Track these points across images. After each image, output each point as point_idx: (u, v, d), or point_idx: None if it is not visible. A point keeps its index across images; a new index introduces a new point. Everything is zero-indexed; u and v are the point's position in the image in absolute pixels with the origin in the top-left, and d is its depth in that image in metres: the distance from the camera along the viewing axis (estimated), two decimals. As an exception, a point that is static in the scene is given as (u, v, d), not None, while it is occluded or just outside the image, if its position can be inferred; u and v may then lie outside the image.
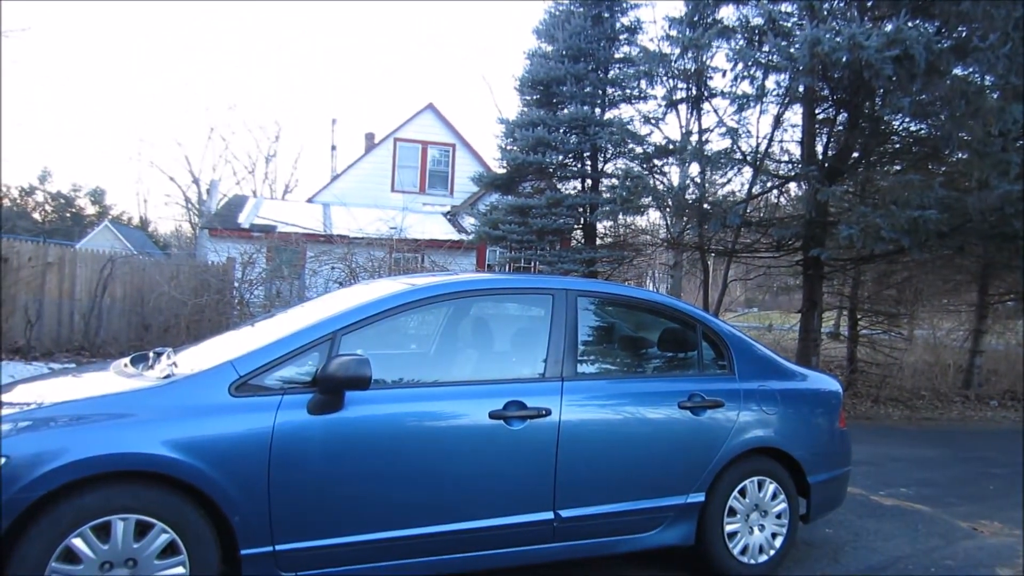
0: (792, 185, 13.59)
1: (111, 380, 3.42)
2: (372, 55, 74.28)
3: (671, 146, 12.91)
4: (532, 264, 15.90)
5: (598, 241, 16.15)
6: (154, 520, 2.95)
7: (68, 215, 47.64)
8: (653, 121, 13.75)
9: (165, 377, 3.25)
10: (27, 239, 16.26)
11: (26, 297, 11.67)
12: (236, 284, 12.39)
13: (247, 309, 11.85)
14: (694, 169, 13.01)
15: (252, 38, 71.38)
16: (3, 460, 2.75)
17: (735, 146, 12.12)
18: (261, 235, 15.05)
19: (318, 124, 76.25)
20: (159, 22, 68.73)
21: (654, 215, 18.41)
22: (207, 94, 64.64)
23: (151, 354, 3.79)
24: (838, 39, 8.76)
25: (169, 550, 2.99)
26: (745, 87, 11.42)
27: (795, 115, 12.61)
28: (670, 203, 12.28)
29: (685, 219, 13.61)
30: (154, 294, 12.05)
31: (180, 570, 3.01)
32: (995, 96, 9.29)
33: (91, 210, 48.88)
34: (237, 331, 4.27)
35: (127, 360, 3.84)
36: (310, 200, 23.10)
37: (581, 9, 14.77)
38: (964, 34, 9.38)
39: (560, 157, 14.85)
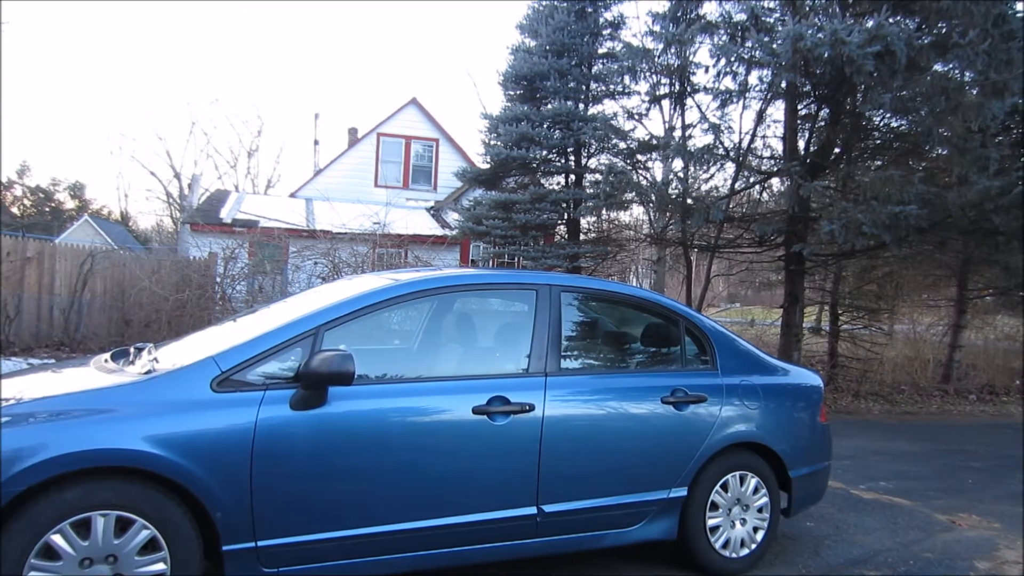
0: (774, 181, 13.65)
1: (91, 376, 3.39)
2: (355, 50, 74.06)
3: (654, 142, 12.96)
4: (516, 259, 15.91)
5: (582, 236, 16.18)
6: (135, 516, 2.93)
7: (47, 209, 47.22)
8: (636, 117, 13.79)
9: (146, 373, 3.22)
10: (6, 233, 16.09)
11: (5, 292, 11.55)
12: (218, 279, 12.31)
13: (229, 304, 11.78)
14: (677, 165, 13.05)
15: (235, 32, 70.97)
16: (-18, 456, 2.73)
17: (718, 142, 12.15)
18: (243, 230, 14.98)
19: (301, 119, 76.03)
20: (141, 15, 68.22)
21: (637, 210, 18.50)
22: (189, 88, 64.27)
23: (132, 349, 3.76)
24: (820, 35, 8.81)
25: (150, 546, 2.97)
26: (728, 83, 11.46)
27: (777, 111, 12.66)
28: (653, 198, 12.32)
29: (668, 214, 13.66)
30: (135, 289, 11.96)
31: (161, 566, 2.99)
32: (975, 92, 9.37)
33: (71, 204, 48.49)
34: (219, 327, 4.25)
35: (107, 355, 3.81)
36: (293, 195, 23.00)
37: (564, 4, 14.77)
38: (944, 30, 9.46)
39: (544, 152, 14.86)
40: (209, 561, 3.14)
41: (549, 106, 14.69)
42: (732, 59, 10.74)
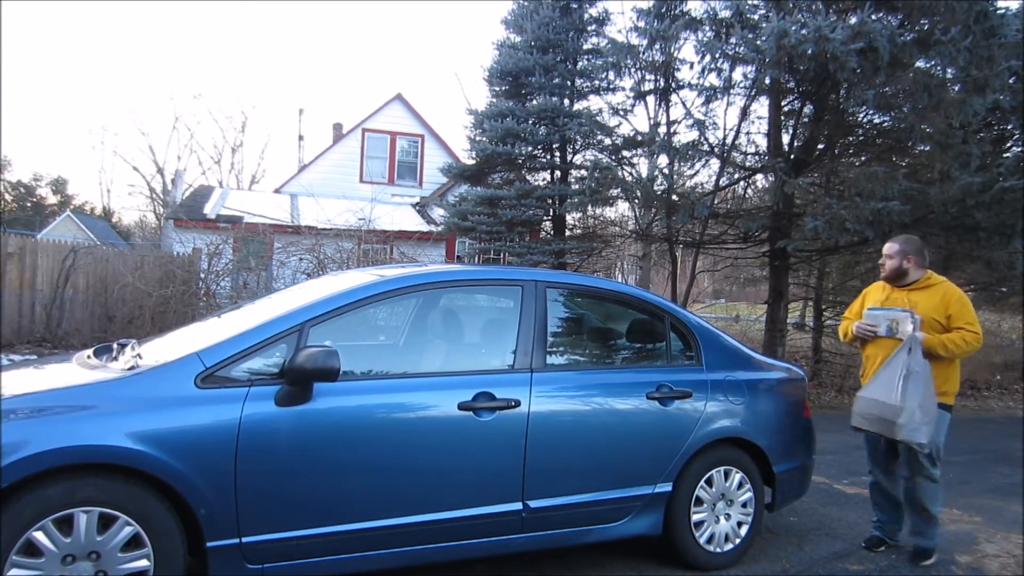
0: (759, 177, 13.70)
1: (74, 372, 3.37)
2: (340, 44, 73.77)
3: (639, 137, 12.96)
4: (502, 255, 15.90)
5: (567, 232, 16.18)
6: (118, 513, 2.92)
7: (29, 204, 46.80)
8: (621, 112, 13.79)
9: (129, 368, 3.20)
10: (-14, 229, 15.94)
11: (-14, 288, 11.47)
12: (202, 275, 12.26)
13: (213, 300, 11.74)
14: (662, 160, 13.10)
15: (218, 26, 70.53)
16: (-37, 454, 2.70)
17: (703, 138, 12.19)
18: (228, 226, 14.91)
19: (285, 114, 75.70)
20: (124, 9, 67.69)
21: (623, 206, 18.51)
22: (172, 83, 63.83)
23: (115, 345, 3.74)
24: (804, 31, 8.84)
25: (133, 543, 2.96)
26: (712, 79, 11.49)
27: (762, 107, 12.69)
28: (638, 194, 12.33)
29: (653, 211, 13.67)
30: (118, 285, 11.90)
31: (144, 563, 2.98)
32: (957, 89, 9.43)
33: (53, 199, 48.09)
34: (203, 322, 4.24)
35: (90, 351, 3.79)
36: (278, 191, 22.91)
37: (550, 0, 14.76)
38: (927, 27, 9.50)
39: (529, 148, 14.85)
40: (193, 557, 3.13)
41: (534, 102, 14.68)
42: (717, 55, 10.77)
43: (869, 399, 4.59)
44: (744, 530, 4.51)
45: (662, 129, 13.41)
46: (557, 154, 15.38)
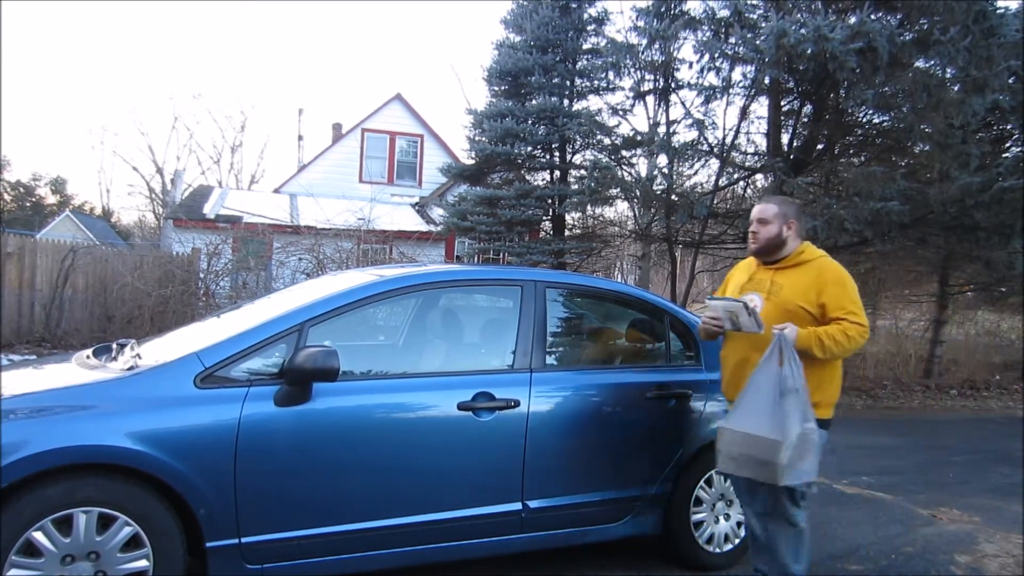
0: (758, 177, 13.70)
1: (73, 372, 3.36)
2: (340, 44, 73.74)
3: (639, 137, 12.99)
4: (501, 255, 15.90)
5: (567, 232, 16.20)
6: (117, 513, 2.91)
7: (28, 204, 46.78)
8: (621, 112, 13.82)
9: (129, 369, 3.20)
10: (-14, 229, 15.92)
11: (-15, 288, 11.46)
12: (201, 275, 12.27)
13: (213, 300, 11.74)
14: (662, 160, 13.10)
15: (218, 26, 70.51)
16: (-37, 454, 2.70)
17: (702, 138, 12.21)
18: (227, 226, 14.91)
19: (285, 114, 75.72)
20: (123, 9, 67.69)
21: (622, 206, 18.53)
22: (172, 82, 63.84)
23: (114, 345, 3.73)
24: (804, 31, 8.84)
25: (133, 543, 2.95)
26: (712, 79, 11.52)
27: (761, 107, 12.71)
28: (638, 194, 12.36)
29: (653, 210, 13.68)
30: (117, 285, 11.90)
31: (144, 563, 2.97)
32: (956, 89, 9.44)
33: (52, 199, 48.06)
34: (203, 322, 4.23)
35: (89, 351, 3.79)
36: (277, 191, 22.90)
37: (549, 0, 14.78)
38: (926, 27, 9.51)
39: (529, 148, 14.87)
40: (193, 557, 3.12)
41: (534, 102, 14.70)
42: (716, 55, 10.80)
43: (735, 432, 3.38)
44: (743, 530, 4.50)
45: (661, 129, 13.42)
46: (556, 154, 15.39)
